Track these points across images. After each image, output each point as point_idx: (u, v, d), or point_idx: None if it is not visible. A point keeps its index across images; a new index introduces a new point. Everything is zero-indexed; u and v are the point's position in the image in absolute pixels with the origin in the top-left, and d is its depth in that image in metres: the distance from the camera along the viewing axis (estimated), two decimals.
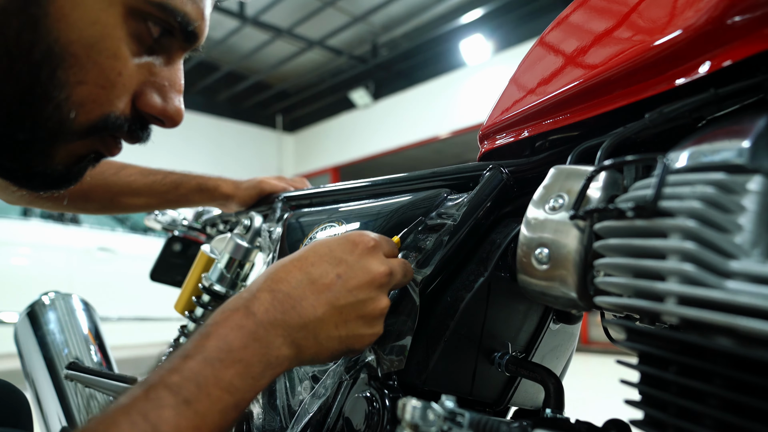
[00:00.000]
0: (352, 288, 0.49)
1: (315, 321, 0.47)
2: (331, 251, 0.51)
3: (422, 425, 0.48)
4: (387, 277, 0.51)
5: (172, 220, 1.34)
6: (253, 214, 1.01)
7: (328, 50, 8.11)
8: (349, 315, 0.49)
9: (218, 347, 0.43)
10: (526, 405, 0.70)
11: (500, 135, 0.66)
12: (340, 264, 0.50)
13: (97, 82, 0.49)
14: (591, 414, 0.62)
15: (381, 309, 0.51)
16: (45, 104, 0.47)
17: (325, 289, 0.48)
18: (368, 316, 0.50)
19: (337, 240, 0.52)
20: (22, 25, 0.45)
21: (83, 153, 0.54)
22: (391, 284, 0.53)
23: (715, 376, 0.34)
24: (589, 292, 0.47)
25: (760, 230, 0.36)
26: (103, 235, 4.73)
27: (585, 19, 0.59)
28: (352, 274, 0.49)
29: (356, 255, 0.51)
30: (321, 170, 9.79)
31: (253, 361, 0.44)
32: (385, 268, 0.51)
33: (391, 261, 0.54)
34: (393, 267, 0.53)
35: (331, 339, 0.48)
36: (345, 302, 0.49)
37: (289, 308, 0.47)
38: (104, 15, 0.47)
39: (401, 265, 0.55)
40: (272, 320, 0.46)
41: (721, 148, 0.39)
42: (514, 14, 7.05)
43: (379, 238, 0.54)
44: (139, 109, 0.54)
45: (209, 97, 9.35)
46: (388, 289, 0.53)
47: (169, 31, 0.52)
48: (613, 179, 0.47)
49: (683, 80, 0.44)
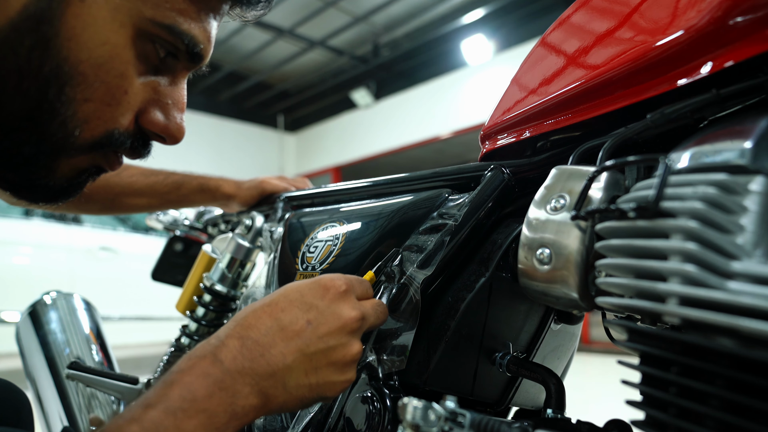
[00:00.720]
0: (323, 334, 0.48)
1: (284, 369, 0.46)
2: (302, 296, 0.50)
3: (423, 425, 0.47)
4: (358, 322, 0.51)
5: (174, 220, 1.34)
6: (255, 214, 1.01)
7: (330, 50, 8.11)
8: (320, 362, 0.48)
9: (181, 396, 0.42)
10: (527, 405, 0.70)
11: (502, 135, 0.66)
12: (311, 310, 0.49)
13: (104, 100, 0.50)
14: (592, 414, 0.62)
15: (352, 355, 0.50)
16: (51, 120, 0.48)
17: (294, 335, 0.47)
18: (339, 362, 0.49)
19: (308, 284, 0.52)
20: (33, 43, 0.45)
21: (84, 167, 0.55)
22: (363, 329, 0.52)
23: (716, 377, 0.34)
24: (591, 293, 0.47)
25: (761, 231, 0.36)
26: (105, 234, 4.73)
27: (586, 20, 0.59)
28: (322, 320, 0.49)
29: (327, 300, 0.50)
30: (322, 170, 9.79)
31: (218, 411, 0.42)
32: (356, 314, 0.51)
33: (363, 305, 0.53)
34: (365, 311, 0.52)
35: (300, 387, 0.47)
36: (315, 349, 0.48)
37: (257, 356, 0.46)
38: (114, 36, 0.48)
39: (374, 307, 0.54)
40: (240, 368, 0.45)
41: (722, 149, 0.39)
42: (515, 14, 7.05)
43: (351, 280, 0.53)
44: (142, 126, 0.55)
45: (211, 97, 9.35)
46: (360, 334, 0.52)
47: (174, 52, 0.53)
48: (615, 180, 0.47)
49: (685, 81, 0.44)
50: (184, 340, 0.99)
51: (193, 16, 0.52)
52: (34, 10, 0.45)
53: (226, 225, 1.26)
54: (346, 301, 0.51)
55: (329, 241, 0.74)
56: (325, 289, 0.51)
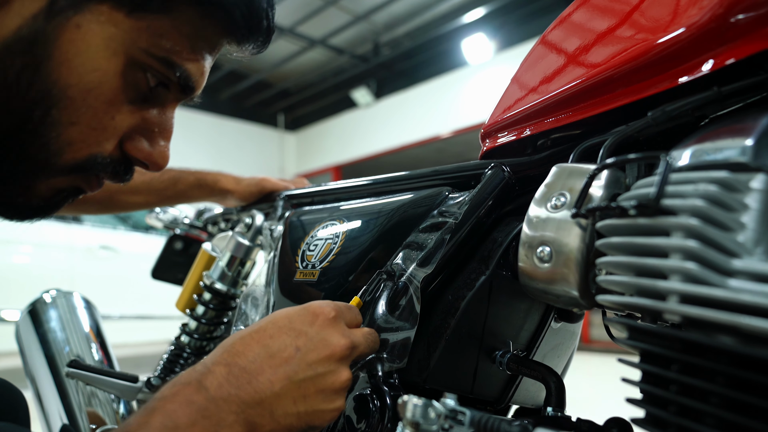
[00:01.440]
0: (312, 362, 0.48)
1: (271, 396, 0.45)
2: (291, 323, 0.50)
3: (423, 423, 0.47)
4: (348, 350, 0.50)
5: (174, 219, 1.34)
6: (255, 212, 1.01)
7: (330, 49, 8.11)
8: (308, 389, 0.47)
9: (163, 425, 0.40)
10: (527, 403, 0.70)
11: (502, 133, 0.65)
12: (300, 336, 0.49)
13: (90, 124, 0.50)
14: (592, 413, 0.62)
15: (341, 382, 0.49)
16: (34, 140, 0.48)
17: (283, 362, 0.47)
18: (328, 389, 0.48)
19: (297, 311, 0.51)
20: (24, 64, 0.46)
21: (63, 187, 0.55)
22: (352, 356, 0.52)
23: (717, 375, 0.34)
24: (591, 291, 0.47)
25: (763, 228, 0.35)
26: (105, 233, 4.73)
27: (587, 18, 0.59)
28: (311, 346, 0.48)
29: (316, 327, 0.50)
30: (323, 169, 9.79)
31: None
32: (345, 341, 0.50)
33: (354, 333, 0.52)
34: (355, 339, 0.52)
35: (288, 416, 0.46)
36: (303, 376, 0.47)
37: (244, 383, 0.45)
38: (106, 63, 0.48)
39: (365, 336, 0.54)
40: (225, 396, 0.44)
41: (724, 147, 0.39)
42: (516, 13, 7.04)
43: (340, 307, 0.53)
44: (126, 151, 0.55)
45: (211, 95, 9.35)
46: (349, 362, 0.51)
47: (166, 83, 0.53)
48: (616, 177, 0.47)
49: (686, 78, 0.44)
50: (184, 338, 0.99)
51: (188, 51, 0.53)
52: (28, 33, 0.45)
53: (226, 223, 1.26)
54: (335, 328, 0.51)
55: (329, 240, 0.74)
56: (314, 315, 0.50)
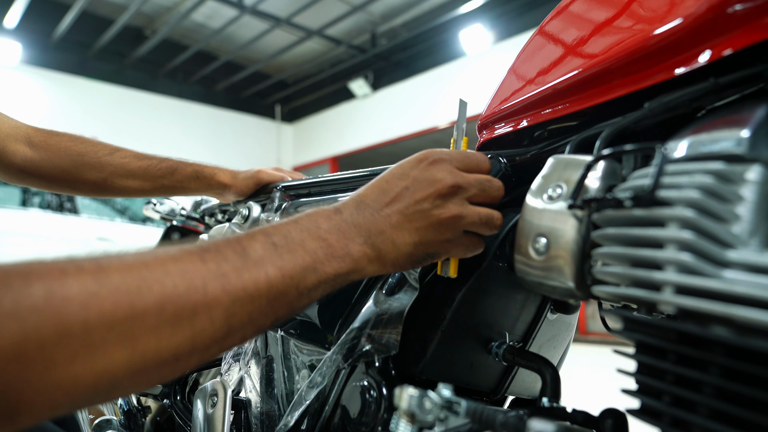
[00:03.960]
0: (418, 199, 0.52)
1: (391, 228, 0.52)
2: (401, 168, 0.55)
3: (419, 413, 0.48)
4: (450, 188, 0.53)
5: (171, 210, 1.34)
6: (252, 203, 1.01)
7: (327, 40, 8.06)
8: (419, 223, 0.52)
9: (309, 224, 0.49)
10: (523, 394, 0.71)
11: (499, 124, 0.65)
12: (407, 177, 0.54)
13: None
14: (588, 403, 0.62)
15: (446, 217, 0.52)
16: None
17: (395, 200, 0.53)
18: (436, 223, 0.52)
19: (408, 158, 0.56)
20: None
21: None
22: (460, 195, 0.53)
23: (711, 366, 0.34)
24: (587, 282, 0.47)
25: (758, 220, 0.36)
26: (102, 224, 4.72)
27: (585, 9, 0.59)
28: (417, 186, 0.53)
29: (421, 168, 0.54)
30: (320, 160, 9.77)
31: (336, 245, 0.49)
32: (449, 180, 0.53)
33: (463, 175, 0.54)
34: (462, 180, 0.53)
35: (407, 245, 0.52)
36: (413, 210, 0.52)
37: (368, 216, 0.52)
38: None
39: (478, 180, 0.55)
40: (356, 222, 0.51)
41: (720, 138, 0.38)
42: (514, 4, 7.01)
43: (452, 154, 0.56)
44: None
45: (207, 86, 9.31)
46: (459, 200, 0.53)
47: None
48: (612, 169, 0.46)
49: (683, 69, 0.44)
50: None
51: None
52: None
53: (223, 215, 1.26)
54: (439, 168, 0.54)
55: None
56: (419, 159, 0.55)
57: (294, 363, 0.72)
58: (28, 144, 0.98)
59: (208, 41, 7.91)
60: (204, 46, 8.15)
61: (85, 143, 1.03)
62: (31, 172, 0.99)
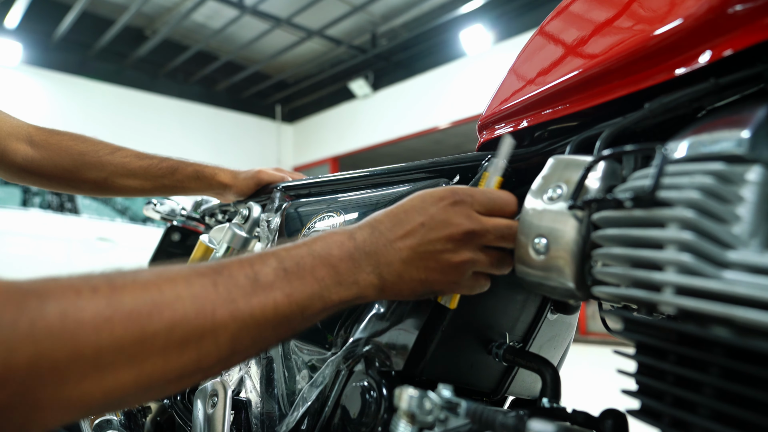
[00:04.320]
0: (432, 239, 0.52)
1: (400, 261, 0.52)
2: (423, 200, 0.54)
3: (419, 414, 0.48)
4: (466, 234, 0.52)
5: (171, 210, 1.34)
6: (252, 203, 1.01)
7: (328, 40, 8.06)
8: (429, 262, 0.52)
9: (321, 250, 0.50)
10: (523, 395, 0.71)
11: (499, 125, 0.65)
12: (425, 214, 0.53)
13: None
14: (588, 404, 0.62)
15: (457, 262, 0.52)
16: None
17: (409, 235, 0.52)
18: (445, 265, 0.52)
19: (430, 192, 0.55)
20: None
21: None
22: (476, 242, 0.53)
23: (711, 366, 0.34)
24: (587, 283, 0.47)
25: (758, 220, 0.36)
26: (102, 224, 4.72)
27: (585, 9, 0.59)
28: (433, 224, 0.52)
29: (440, 208, 0.53)
30: (320, 160, 9.77)
31: (345, 273, 0.49)
32: (466, 226, 0.52)
33: (482, 220, 0.53)
34: (480, 227, 0.52)
35: (413, 280, 0.52)
36: (424, 250, 0.52)
37: (381, 245, 0.52)
38: None
39: (496, 228, 0.53)
40: (368, 250, 0.51)
41: (720, 138, 0.38)
42: (514, 4, 7.01)
43: (473, 194, 0.54)
44: None
45: (208, 87, 9.30)
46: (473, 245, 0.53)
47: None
48: (612, 169, 0.46)
49: (683, 70, 0.44)
50: None
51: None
52: None
53: (224, 215, 1.26)
54: (458, 211, 0.53)
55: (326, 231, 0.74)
56: (441, 197, 0.54)
57: (294, 363, 0.72)
58: (29, 143, 0.98)
59: (208, 41, 7.91)
60: (204, 47, 8.15)
61: (86, 142, 1.03)
62: (32, 171, 0.99)
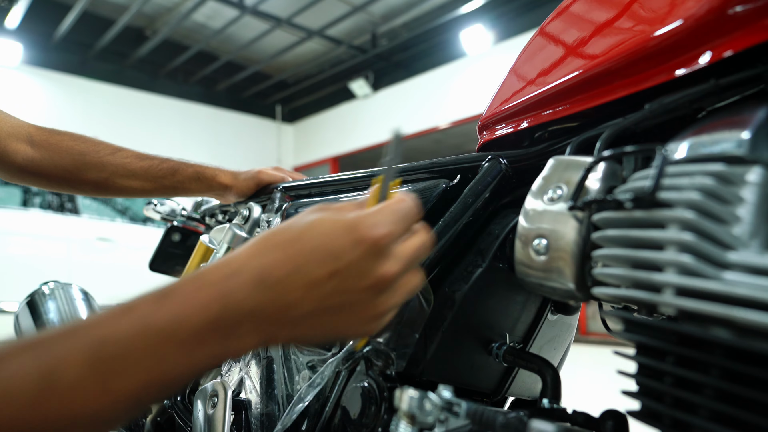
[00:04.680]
0: (346, 290, 0.41)
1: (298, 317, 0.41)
2: (331, 242, 0.42)
3: (419, 415, 0.48)
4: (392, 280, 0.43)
5: (172, 210, 1.34)
6: (252, 204, 1.01)
7: (328, 40, 8.06)
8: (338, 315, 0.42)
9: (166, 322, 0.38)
10: (523, 395, 0.71)
11: (499, 125, 0.65)
12: (337, 261, 0.41)
13: None
14: (588, 405, 0.62)
15: (381, 312, 0.44)
16: None
17: (313, 285, 0.41)
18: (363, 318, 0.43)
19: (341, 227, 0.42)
20: None
21: None
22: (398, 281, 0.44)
23: (711, 367, 0.34)
24: (587, 283, 0.47)
25: (758, 221, 0.36)
26: (103, 225, 4.72)
27: (585, 9, 0.59)
28: (348, 274, 0.41)
29: (359, 252, 0.41)
30: (320, 161, 9.77)
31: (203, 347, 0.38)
32: (394, 269, 0.42)
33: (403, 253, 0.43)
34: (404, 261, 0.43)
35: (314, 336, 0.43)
36: (333, 302, 0.41)
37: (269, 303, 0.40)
38: None
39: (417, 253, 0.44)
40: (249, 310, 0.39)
41: (720, 139, 0.38)
42: (514, 4, 7.01)
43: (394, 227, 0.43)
44: None
45: (208, 87, 9.30)
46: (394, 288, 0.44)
47: None
48: (612, 170, 0.46)
49: (684, 71, 0.44)
50: None
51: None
52: None
53: (224, 215, 1.26)
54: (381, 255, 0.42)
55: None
56: (360, 241, 0.42)
57: (294, 364, 0.72)
58: (30, 143, 0.98)
59: (208, 41, 7.91)
60: (204, 47, 8.14)
61: (86, 142, 1.03)
62: (32, 171, 0.98)
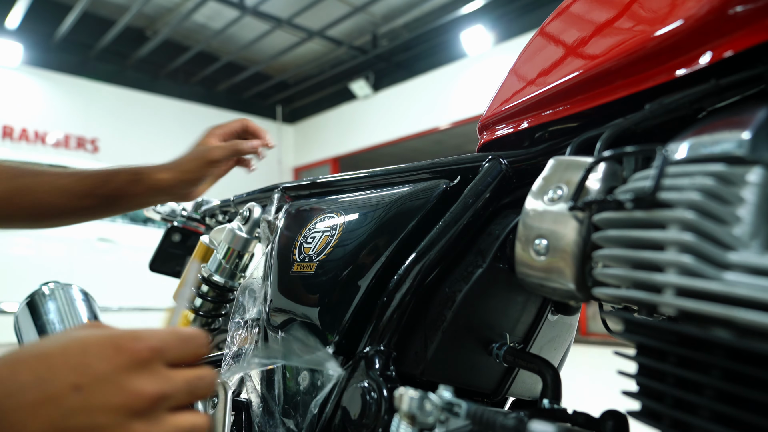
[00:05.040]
0: (93, 408, 0.35)
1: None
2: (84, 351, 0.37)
3: (419, 415, 0.48)
4: (151, 401, 0.37)
5: (172, 211, 1.34)
6: (253, 204, 1.01)
7: (328, 40, 8.06)
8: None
9: None
10: (523, 396, 0.71)
11: (500, 126, 0.65)
12: (87, 373, 0.36)
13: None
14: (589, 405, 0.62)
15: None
16: None
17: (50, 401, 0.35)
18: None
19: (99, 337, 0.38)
20: None
21: None
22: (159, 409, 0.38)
23: (712, 368, 0.34)
24: (587, 284, 0.47)
25: (759, 222, 0.35)
26: (103, 225, 4.72)
27: (586, 10, 0.59)
28: (96, 389, 0.36)
29: (114, 365, 0.37)
30: (321, 161, 9.77)
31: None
32: (153, 389, 0.37)
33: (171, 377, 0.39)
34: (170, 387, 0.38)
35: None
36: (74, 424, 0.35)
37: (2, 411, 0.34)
38: None
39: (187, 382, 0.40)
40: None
41: (721, 140, 0.38)
42: (515, 5, 7.01)
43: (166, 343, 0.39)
44: None
45: (209, 87, 9.31)
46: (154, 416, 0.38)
47: None
48: (613, 170, 0.46)
49: (684, 71, 0.44)
50: None
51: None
52: None
53: (224, 216, 1.26)
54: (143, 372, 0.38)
55: (326, 232, 0.74)
56: (117, 351, 0.37)
57: None
58: None
59: (209, 42, 7.91)
60: (205, 47, 8.15)
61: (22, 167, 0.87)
62: None
